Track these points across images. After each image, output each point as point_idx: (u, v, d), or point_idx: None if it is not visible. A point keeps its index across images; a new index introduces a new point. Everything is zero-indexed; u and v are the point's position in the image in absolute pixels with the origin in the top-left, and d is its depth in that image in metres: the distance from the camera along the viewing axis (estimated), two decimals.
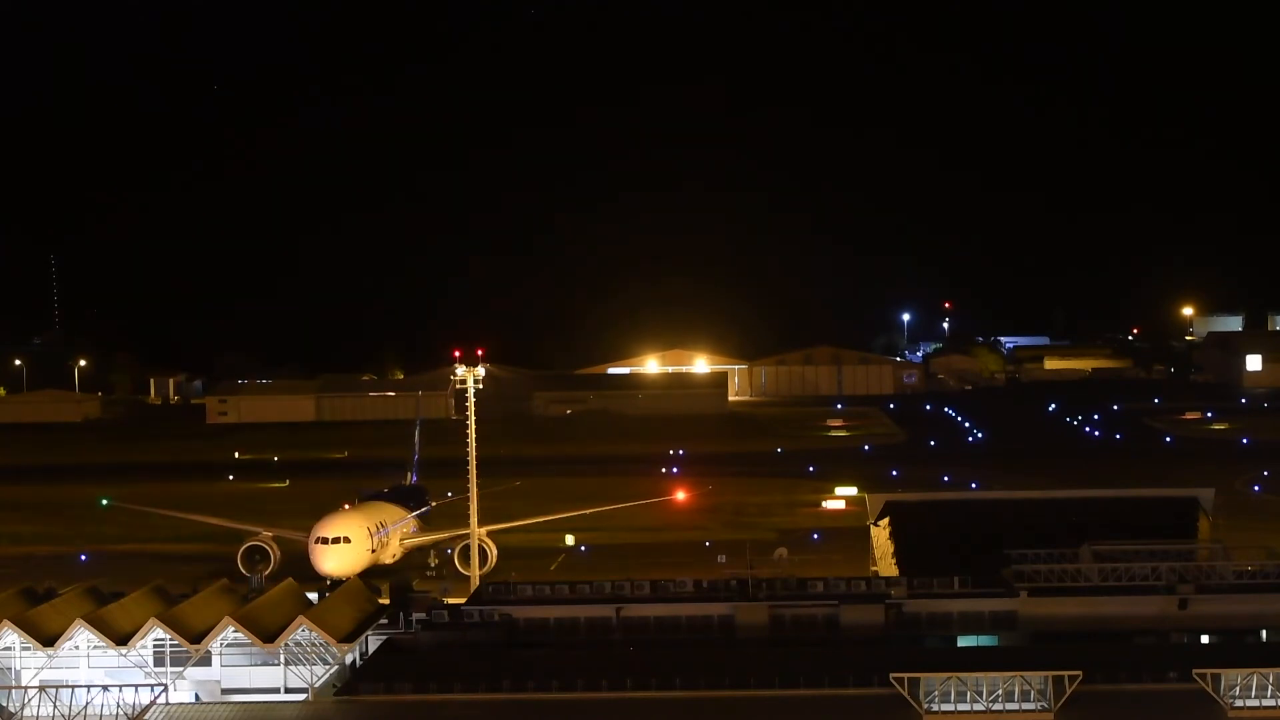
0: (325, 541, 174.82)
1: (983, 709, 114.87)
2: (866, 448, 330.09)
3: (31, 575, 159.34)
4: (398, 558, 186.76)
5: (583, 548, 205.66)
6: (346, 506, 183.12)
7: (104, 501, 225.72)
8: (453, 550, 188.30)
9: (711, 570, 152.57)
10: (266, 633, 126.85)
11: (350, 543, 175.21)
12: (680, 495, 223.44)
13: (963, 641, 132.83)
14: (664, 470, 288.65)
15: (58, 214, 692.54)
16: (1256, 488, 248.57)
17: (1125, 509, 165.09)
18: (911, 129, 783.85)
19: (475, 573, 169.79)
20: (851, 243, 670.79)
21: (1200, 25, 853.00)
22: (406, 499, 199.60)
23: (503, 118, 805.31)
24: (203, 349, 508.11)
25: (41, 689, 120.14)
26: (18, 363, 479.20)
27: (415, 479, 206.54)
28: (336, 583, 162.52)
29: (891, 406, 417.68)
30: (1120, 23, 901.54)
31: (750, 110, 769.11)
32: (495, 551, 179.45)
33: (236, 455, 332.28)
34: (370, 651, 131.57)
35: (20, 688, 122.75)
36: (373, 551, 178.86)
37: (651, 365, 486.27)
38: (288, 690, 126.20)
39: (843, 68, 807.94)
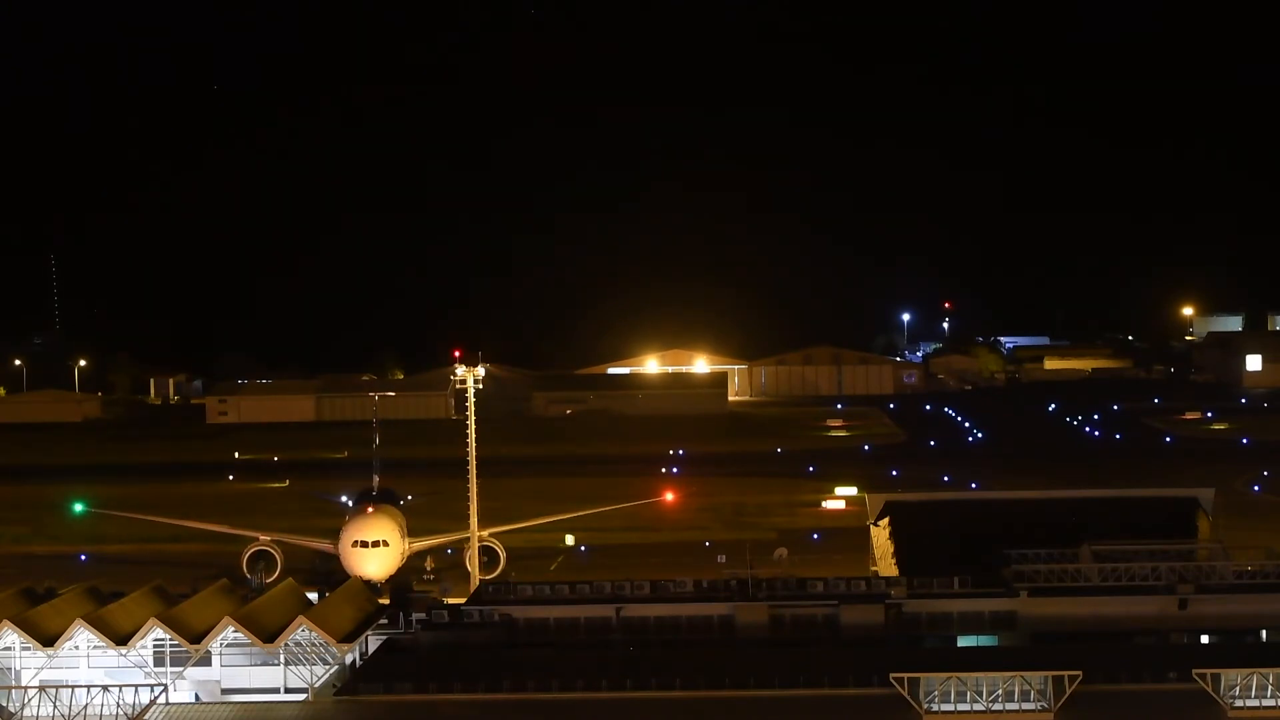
0: (365, 545, 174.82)
1: (983, 709, 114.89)
2: (866, 448, 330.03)
3: (31, 575, 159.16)
4: (404, 559, 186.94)
5: (582, 548, 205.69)
6: (370, 510, 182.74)
7: (78, 508, 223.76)
8: (454, 551, 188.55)
9: (711, 570, 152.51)
10: (266, 633, 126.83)
11: (389, 545, 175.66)
12: (669, 496, 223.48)
13: (963, 641, 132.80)
14: (664, 470, 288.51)
15: (58, 214, 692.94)
16: (1256, 488, 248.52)
17: (1125, 509, 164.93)
18: (912, 129, 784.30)
19: (475, 573, 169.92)
20: (851, 243, 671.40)
21: (1200, 24, 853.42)
22: (390, 502, 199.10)
23: (503, 118, 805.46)
24: (203, 349, 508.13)
25: (41, 689, 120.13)
26: (18, 363, 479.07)
27: (378, 481, 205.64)
28: (337, 583, 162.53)
29: (891, 406, 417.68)
30: (1119, 22, 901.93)
31: (751, 110, 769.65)
32: (504, 553, 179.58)
33: (236, 455, 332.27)
34: (370, 651, 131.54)
35: (20, 688, 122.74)
36: (402, 554, 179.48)
37: (651, 365, 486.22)
38: (288, 690, 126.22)
39: (843, 68, 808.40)
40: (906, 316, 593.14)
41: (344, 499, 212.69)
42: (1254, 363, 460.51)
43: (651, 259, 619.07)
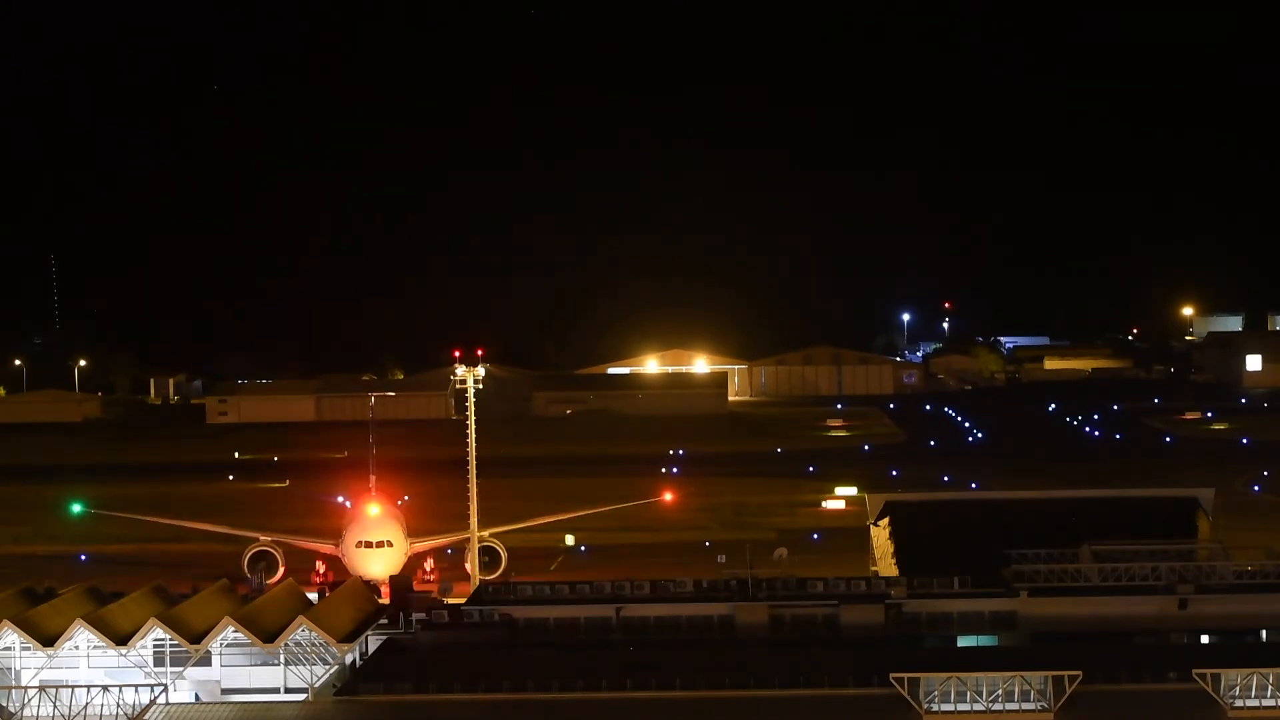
0: (370, 545, 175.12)
1: (983, 709, 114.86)
2: (866, 448, 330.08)
3: (31, 575, 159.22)
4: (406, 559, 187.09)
5: (582, 548, 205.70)
6: (373, 510, 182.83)
7: (76, 508, 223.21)
8: (454, 551, 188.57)
9: (711, 570, 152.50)
10: (266, 633, 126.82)
11: (393, 546, 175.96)
12: (668, 496, 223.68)
13: (963, 641, 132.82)
14: (664, 470, 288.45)
15: (58, 214, 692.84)
16: (1256, 488, 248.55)
17: (1125, 509, 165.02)
18: (912, 128, 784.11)
19: (475, 572, 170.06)
20: (852, 242, 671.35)
21: (1200, 23, 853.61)
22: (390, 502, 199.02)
23: (503, 117, 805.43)
24: (203, 349, 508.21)
25: (41, 689, 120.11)
26: (18, 363, 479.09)
27: (375, 481, 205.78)
28: (338, 582, 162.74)
29: (891, 406, 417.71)
30: (1120, 20, 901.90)
31: (750, 110, 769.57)
32: (505, 554, 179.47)
33: (236, 455, 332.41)
34: (370, 651, 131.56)
35: (20, 688, 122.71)
36: (405, 553, 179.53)
37: (651, 365, 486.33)
38: (288, 690, 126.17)
39: (843, 67, 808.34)
40: (906, 316, 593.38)
41: (340, 499, 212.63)
42: (1254, 363, 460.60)
43: (651, 259, 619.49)
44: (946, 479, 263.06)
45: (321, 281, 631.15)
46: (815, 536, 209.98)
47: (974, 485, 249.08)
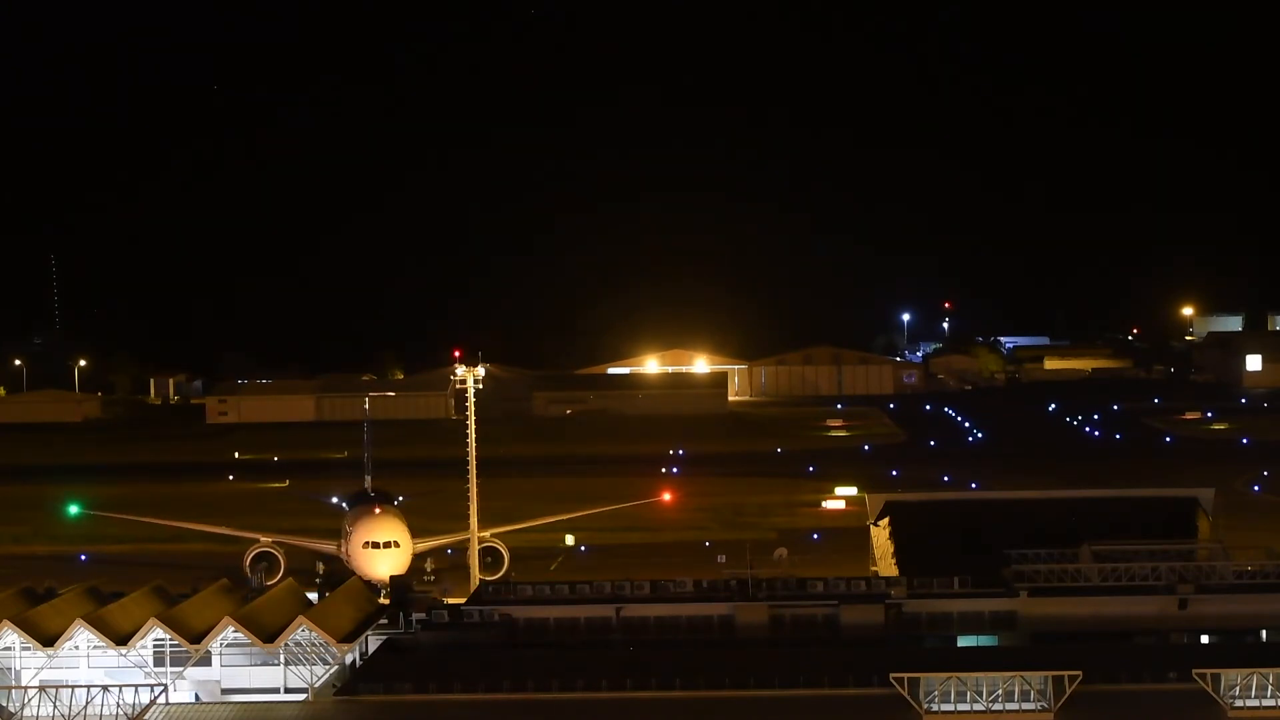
0: (377, 546, 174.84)
1: (983, 709, 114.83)
2: (866, 448, 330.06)
3: (31, 575, 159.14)
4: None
5: (582, 548, 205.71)
6: (378, 510, 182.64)
7: (74, 509, 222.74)
8: (454, 551, 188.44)
9: (711, 570, 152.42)
10: (266, 633, 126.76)
11: (400, 546, 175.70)
12: (667, 496, 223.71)
13: (963, 641, 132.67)
14: (664, 470, 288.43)
15: (58, 214, 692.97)
16: (1256, 488, 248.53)
17: (1125, 509, 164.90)
18: (912, 128, 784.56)
19: (475, 572, 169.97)
20: (852, 242, 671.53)
21: (1200, 24, 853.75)
22: (387, 503, 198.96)
23: (504, 117, 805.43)
24: (203, 349, 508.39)
25: (41, 689, 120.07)
26: (18, 363, 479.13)
27: (370, 482, 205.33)
28: (337, 583, 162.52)
29: (891, 406, 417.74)
30: (1120, 21, 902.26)
31: (750, 110, 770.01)
32: (507, 554, 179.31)
33: (236, 455, 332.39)
34: (370, 651, 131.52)
35: (20, 688, 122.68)
36: (410, 553, 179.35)
37: (651, 365, 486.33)
38: (288, 690, 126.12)
39: (842, 67, 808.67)
40: (906, 316, 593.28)
41: (335, 500, 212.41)
42: (1254, 363, 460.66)
43: (651, 259, 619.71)
44: (946, 479, 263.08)
45: (322, 281, 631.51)
46: (815, 536, 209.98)
47: (974, 485, 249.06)
